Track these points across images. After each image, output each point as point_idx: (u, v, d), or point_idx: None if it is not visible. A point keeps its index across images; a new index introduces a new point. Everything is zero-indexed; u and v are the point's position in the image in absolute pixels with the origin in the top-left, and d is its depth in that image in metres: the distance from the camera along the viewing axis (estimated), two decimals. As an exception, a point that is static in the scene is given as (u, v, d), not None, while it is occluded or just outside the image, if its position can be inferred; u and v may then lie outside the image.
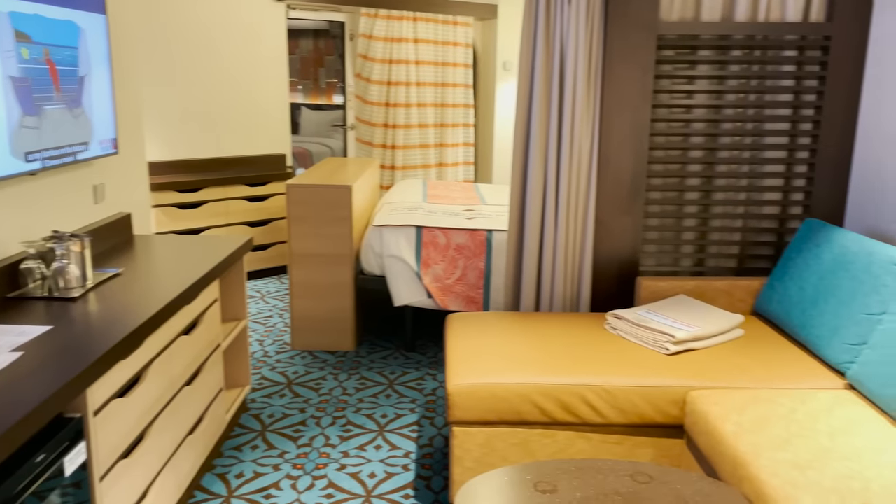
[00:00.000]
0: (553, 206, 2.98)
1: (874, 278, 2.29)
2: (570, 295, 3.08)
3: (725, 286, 2.91)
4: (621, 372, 2.31)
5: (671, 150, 3.03)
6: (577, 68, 2.87)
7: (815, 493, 1.67)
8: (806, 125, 3.00)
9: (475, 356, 2.43)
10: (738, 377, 2.30)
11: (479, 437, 2.31)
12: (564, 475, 1.85)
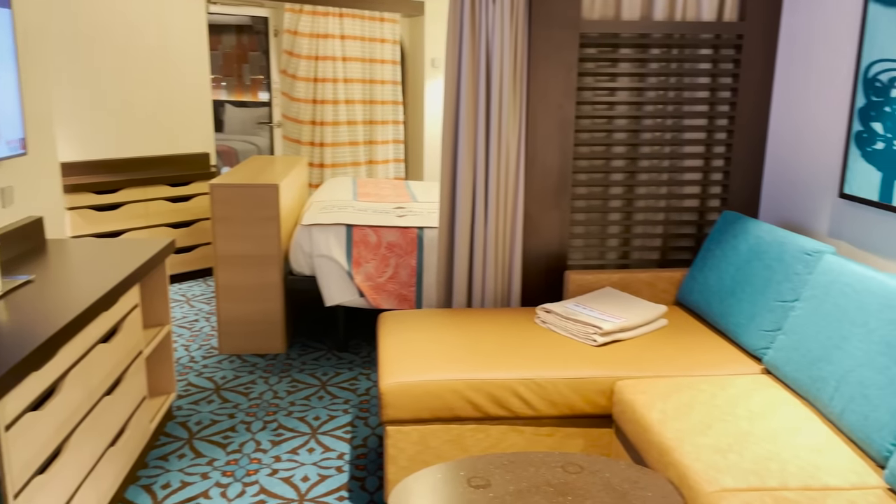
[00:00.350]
0: (483, 202, 3.00)
1: (786, 267, 2.40)
2: (500, 290, 3.11)
3: (649, 278, 2.99)
4: (551, 365, 2.35)
5: (595, 146, 3.09)
6: (503, 66, 2.89)
7: (735, 475, 1.74)
8: (722, 121, 3.11)
9: (408, 354, 2.43)
10: (663, 366, 2.37)
11: (413, 436, 2.30)
12: (497, 469, 1.87)
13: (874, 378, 1.85)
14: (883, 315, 1.92)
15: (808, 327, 2.17)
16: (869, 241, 2.44)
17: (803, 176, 2.81)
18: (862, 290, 2.03)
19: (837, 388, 1.96)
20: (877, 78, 2.35)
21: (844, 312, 2.05)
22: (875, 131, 2.36)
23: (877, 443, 1.78)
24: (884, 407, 1.79)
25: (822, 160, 2.70)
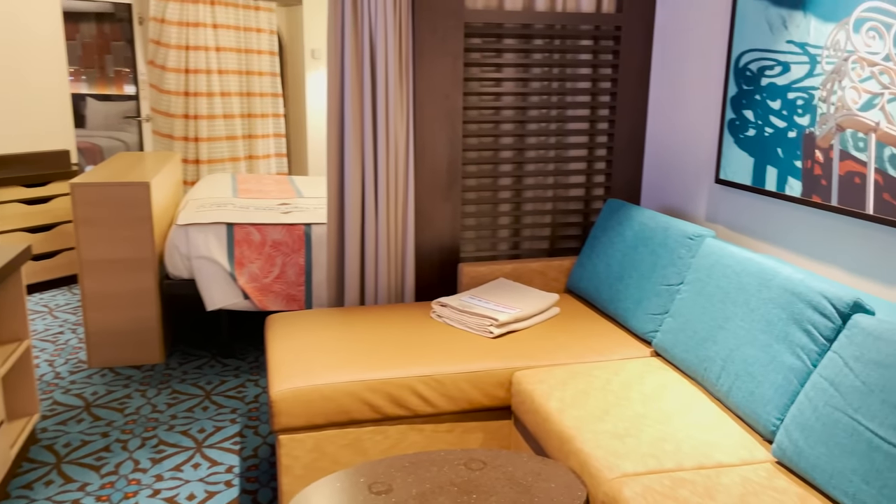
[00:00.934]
0: (372, 196, 2.91)
1: (670, 252, 2.47)
2: (394, 286, 3.03)
3: (540, 267, 3.01)
4: (449, 359, 2.30)
5: (483, 137, 3.08)
6: (388, 57, 2.81)
7: (634, 459, 1.75)
8: (603, 111, 3.18)
9: (299, 358, 2.31)
10: (558, 354, 2.38)
11: (308, 443, 2.19)
12: (398, 473, 1.80)
13: (757, 356, 1.93)
14: (762, 295, 2.00)
15: (693, 309, 2.24)
16: (743, 223, 2.56)
17: (682, 163, 2.92)
18: (741, 271, 2.12)
19: (724, 367, 2.03)
20: (747, 67, 2.46)
21: (726, 293, 2.13)
22: (747, 119, 2.47)
23: (763, 418, 1.85)
24: (768, 383, 1.87)
25: (698, 147, 2.80)
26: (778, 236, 2.38)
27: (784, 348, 1.87)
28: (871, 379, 1.58)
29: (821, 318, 1.81)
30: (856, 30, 1.99)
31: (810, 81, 2.18)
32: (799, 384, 1.80)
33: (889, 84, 1.89)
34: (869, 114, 1.96)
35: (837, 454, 1.58)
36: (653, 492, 1.61)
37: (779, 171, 2.33)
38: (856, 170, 2.01)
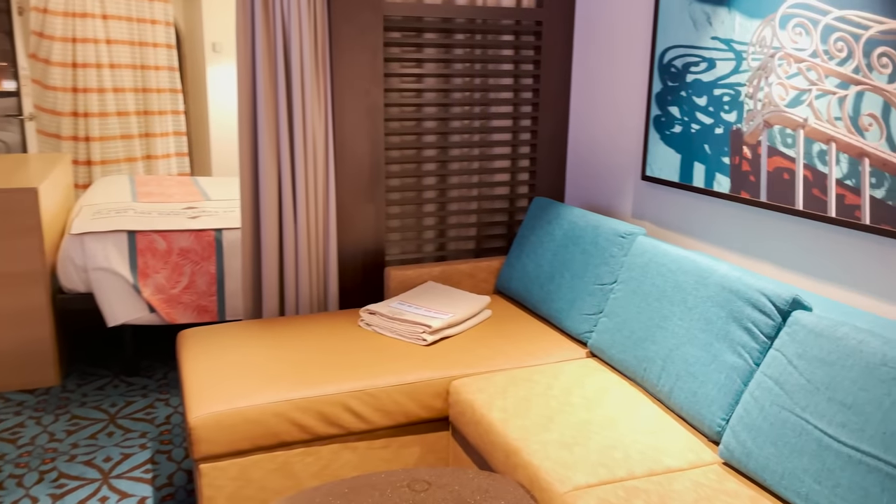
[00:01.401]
0: (290, 198, 2.74)
1: (602, 251, 2.44)
2: (316, 294, 2.87)
3: (469, 268, 2.93)
4: (382, 371, 2.18)
5: (406, 135, 2.96)
6: (304, 52, 2.64)
7: (585, 470, 1.69)
8: (526, 107, 3.13)
9: (218, 378, 2.12)
10: (495, 360, 2.30)
11: (232, 471, 2.01)
12: (338, 500, 1.66)
13: (698, 355, 1.91)
14: (699, 293, 1.99)
15: (629, 309, 2.22)
16: (670, 220, 2.56)
17: (607, 160, 2.90)
18: (677, 269, 2.10)
19: (664, 367, 2.01)
20: (672, 63, 2.46)
21: (662, 292, 2.11)
22: (673, 115, 2.47)
23: (708, 419, 1.83)
24: (710, 383, 1.85)
25: (624, 144, 2.79)
26: (706, 232, 2.39)
27: (725, 347, 1.85)
28: (815, 377, 1.58)
29: (761, 316, 1.81)
30: (782, 26, 2.00)
31: (736, 78, 2.19)
32: (742, 383, 1.79)
33: (816, 80, 1.91)
34: (797, 110, 1.97)
35: (787, 454, 1.57)
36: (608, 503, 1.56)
37: (706, 167, 2.34)
38: (784, 166, 2.03)
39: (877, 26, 1.73)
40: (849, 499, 1.43)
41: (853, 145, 1.82)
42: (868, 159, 1.78)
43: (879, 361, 1.48)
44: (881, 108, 1.74)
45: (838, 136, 1.86)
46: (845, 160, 1.85)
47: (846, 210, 1.85)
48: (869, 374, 1.49)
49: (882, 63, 1.72)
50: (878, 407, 1.44)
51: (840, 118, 1.85)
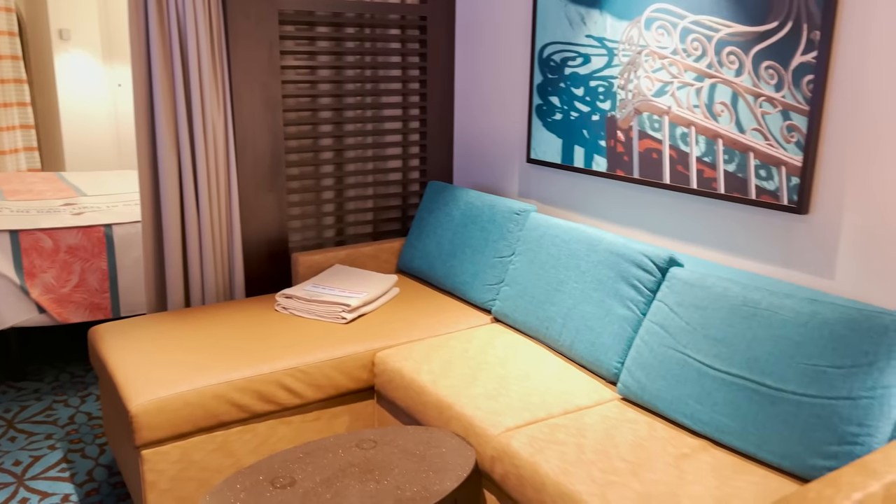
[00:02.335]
0: (192, 190, 2.77)
1: (499, 227, 2.71)
2: (222, 283, 2.93)
3: (371, 251, 3.10)
4: (310, 349, 2.32)
5: (304, 126, 3.07)
6: (200, 45, 2.68)
7: (511, 415, 1.95)
8: (414, 97, 3.33)
9: (149, 367, 2.17)
10: (412, 331, 2.50)
11: (174, 454, 2.08)
12: (296, 465, 1.81)
13: (593, 311, 2.23)
14: (590, 258, 2.30)
15: (528, 277, 2.50)
16: (554, 198, 2.88)
17: (493, 145, 3.18)
18: (569, 239, 2.41)
19: (564, 324, 2.31)
20: (551, 58, 2.76)
21: (557, 260, 2.41)
22: (554, 104, 2.77)
23: (606, 364, 2.15)
24: (606, 333, 2.17)
25: (509, 131, 3.08)
26: (587, 207, 2.73)
27: (616, 302, 2.18)
28: (692, 319, 1.93)
29: (644, 274, 2.15)
30: (647, 27, 2.34)
31: (609, 71, 2.52)
32: (633, 331, 2.13)
33: (677, 74, 2.27)
34: (661, 99, 2.33)
35: (674, 384, 1.91)
36: (536, 439, 1.82)
37: (585, 150, 2.66)
38: (653, 147, 2.39)
39: (725, 29, 2.11)
40: (724, 412, 1.79)
41: (709, 128, 2.19)
42: (721, 140, 2.16)
43: (741, 303, 1.85)
44: (730, 97, 2.12)
45: (697, 121, 2.23)
46: (703, 141, 2.22)
47: (705, 182, 2.23)
48: (733, 313, 1.85)
49: (730, 60, 2.10)
50: (742, 338, 1.81)
51: (698, 106, 2.22)
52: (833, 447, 1.58)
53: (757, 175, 2.07)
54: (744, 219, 2.15)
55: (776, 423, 1.68)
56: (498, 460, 1.83)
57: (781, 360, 1.71)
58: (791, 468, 1.65)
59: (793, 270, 2.03)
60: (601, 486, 1.62)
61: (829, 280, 1.94)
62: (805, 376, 1.66)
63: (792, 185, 1.98)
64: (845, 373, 1.60)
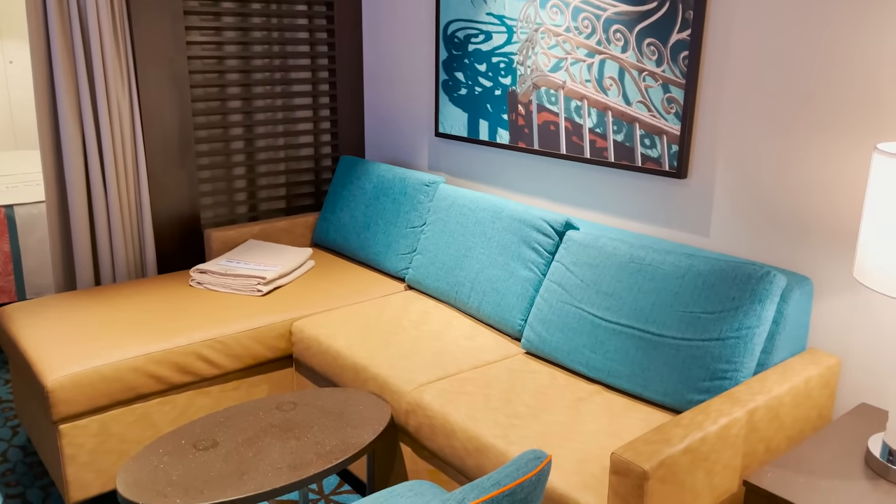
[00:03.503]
0: (98, 168, 2.74)
1: (411, 199, 2.82)
2: (133, 261, 2.91)
3: (285, 225, 3.15)
4: (227, 321, 2.37)
5: (212, 102, 3.07)
6: (101, 19, 2.64)
7: (423, 372, 2.08)
8: (323, 73, 3.38)
9: (62, 344, 2.17)
10: (328, 300, 2.59)
11: (93, 427, 2.10)
12: (217, 428, 1.88)
13: (499, 274, 2.38)
14: (495, 225, 2.45)
15: (439, 245, 2.63)
16: (462, 169, 3.01)
17: (403, 120, 3.27)
18: (476, 208, 2.55)
19: (472, 287, 2.45)
20: (455, 35, 2.87)
21: (465, 228, 2.55)
22: (459, 79, 2.89)
23: (510, 322, 2.31)
24: (510, 294, 2.33)
25: (417, 106, 3.18)
26: (492, 178, 2.87)
27: (519, 265, 2.34)
28: (586, 277, 2.11)
29: (543, 238, 2.31)
30: (542, 6, 2.49)
31: (509, 48, 2.65)
32: (534, 290, 2.29)
33: (570, 50, 2.42)
34: (557, 74, 2.49)
35: (571, 336, 2.09)
36: (447, 392, 1.96)
37: (489, 123, 2.80)
38: (551, 119, 2.55)
39: (612, 8, 2.28)
40: (615, 359, 1.97)
41: (600, 101, 2.37)
42: (611, 112, 2.34)
43: (628, 260, 2.04)
44: (618, 72, 2.29)
45: (589, 95, 2.40)
46: (595, 113, 2.39)
47: (597, 152, 2.41)
48: (622, 269, 2.04)
49: (617, 38, 2.27)
50: (629, 291, 2.00)
51: (589, 80, 2.38)
52: (706, 383, 1.79)
53: (642, 144, 2.26)
54: (631, 184, 2.35)
55: (659, 366, 1.88)
56: (412, 413, 1.96)
57: (663, 309, 1.90)
58: (672, 404, 1.86)
59: (674, 230, 2.24)
60: (505, 428, 1.78)
61: (705, 237, 2.16)
62: (682, 322, 1.86)
63: (672, 153, 2.18)
64: (716, 317, 1.81)
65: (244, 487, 1.62)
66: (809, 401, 1.79)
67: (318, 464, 1.72)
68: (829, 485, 1.48)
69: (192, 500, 1.56)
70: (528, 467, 1.22)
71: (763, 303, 1.76)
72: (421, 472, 2.01)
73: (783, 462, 1.56)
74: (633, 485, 1.41)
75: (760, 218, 2.02)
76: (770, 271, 1.78)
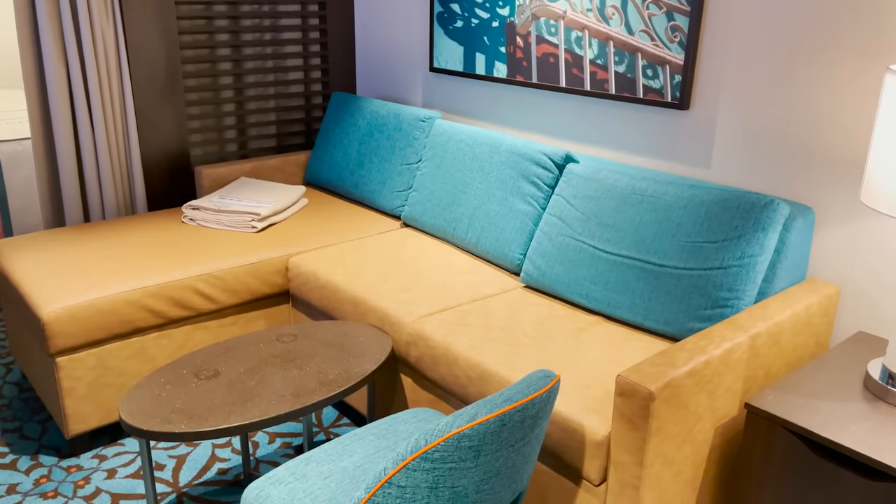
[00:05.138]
0: (84, 104, 2.66)
1: (406, 135, 2.77)
2: (122, 198, 2.86)
3: (277, 163, 3.10)
4: (223, 256, 2.34)
5: (199, 35, 2.97)
6: (83, -59, 2.53)
7: (423, 304, 2.07)
8: (313, 6, 3.28)
9: (56, 277, 2.14)
10: (324, 237, 2.56)
11: (90, 360, 2.09)
12: (218, 358, 1.87)
13: (497, 209, 2.36)
14: (494, 159, 2.42)
15: (435, 181, 2.60)
16: (457, 105, 2.96)
17: (396, 55, 3.20)
18: (473, 143, 2.51)
19: (470, 223, 2.43)
20: (451, -35, 2.78)
21: (463, 163, 2.52)
22: (455, 11, 2.82)
23: (509, 256, 2.30)
24: (509, 229, 2.31)
25: (411, 40, 3.10)
26: (489, 113, 2.83)
27: (518, 199, 2.32)
28: (587, 209, 2.10)
29: (543, 171, 2.29)
30: (543, -67, 2.41)
31: (508, -22, 2.58)
32: (534, 225, 2.28)
33: (572, -20, 2.36)
34: (557, 4, 2.43)
35: (571, 268, 2.08)
36: (447, 323, 1.95)
37: (486, 57, 2.74)
38: (550, 51, 2.50)
39: (615, -65, 2.21)
40: (615, 290, 1.97)
41: (601, 31, 2.32)
42: (612, 42, 2.29)
43: (630, 191, 2.02)
44: (620, 0, 2.24)
45: (590, 25, 2.34)
46: (596, 44, 2.35)
47: (598, 84, 2.37)
48: (623, 201, 2.02)
49: (620, -35, 2.21)
50: (631, 223, 1.99)
51: (591, 9, 2.33)
52: (707, 311, 1.80)
53: (644, 75, 2.22)
54: (632, 117, 2.32)
55: (660, 295, 1.88)
56: (413, 344, 1.96)
57: (664, 239, 1.90)
58: (673, 333, 1.87)
59: (674, 163, 2.22)
60: (507, 356, 1.78)
61: (706, 170, 2.14)
62: (684, 252, 1.86)
63: (675, 83, 2.14)
64: (718, 246, 1.81)
65: (248, 414, 1.62)
66: (809, 328, 1.81)
67: (321, 392, 1.72)
68: (828, 407, 1.51)
69: (196, 426, 1.56)
70: (539, 385, 1.23)
71: (766, 231, 1.76)
72: (422, 401, 2.02)
73: (783, 385, 1.58)
74: (638, 406, 1.43)
75: (763, 148, 2.00)
76: (774, 200, 1.78)
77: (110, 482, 2.04)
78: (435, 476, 1.12)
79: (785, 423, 1.46)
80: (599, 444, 1.50)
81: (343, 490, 1.40)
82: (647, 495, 1.48)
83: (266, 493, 1.40)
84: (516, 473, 1.26)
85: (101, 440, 2.23)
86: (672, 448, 1.50)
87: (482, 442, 1.13)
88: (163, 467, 2.11)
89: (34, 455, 2.14)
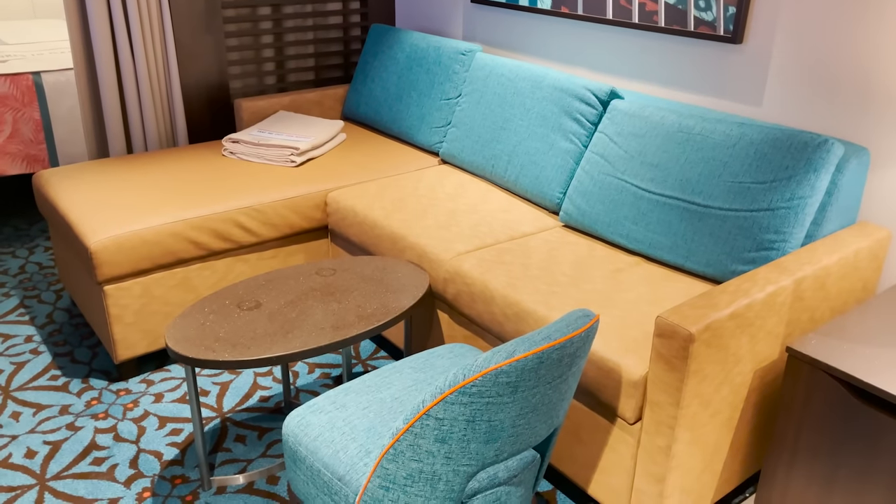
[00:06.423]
0: (125, 35, 2.66)
1: (445, 69, 2.72)
2: (164, 130, 2.88)
3: (315, 97, 3.08)
4: (263, 190, 2.36)
5: (238, -37, 2.92)
6: None
7: (461, 241, 2.07)
8: (353, -66, 3.19)
9: (103, 208, 2.18)
10: (362, 173, 2.56)
11: (136, 289, 2.14)
12: (260, 290, 1.90)
13: (537, 146, 2.32)
14: (536, 95, 2.36)
15: (475, 117, 2.55)
16: (499, 39, 2.88)
17: (436, -14, 3.11)
18: (515, 77, 2.45)
19: (509, 160, 2.40)
20: None
21: (503, 99, 2.46)
22: (499, -61, 2.71)
23: (549, 195, 2.27)
24: (549, 167, 2.28)
25: (451, -30, 3.00)
26: (532, 47, 2.75)
27: (560, 136, 2.27)
28: (631, 147, 2.05)
29: (586, 108, 2.23)
30: None
31: None
32: (575, 163, 2.24)
33: None
34: (607, -69, 2.31)
35: (612, 208, 2.05)
36: (485, 261, 1.95)
37: (530, -13, 2.64)
38: (597, -18, 2.40)
39: None
40: (657, 230, 1.94)
41: (653, -40, 2.21)
42: (664, -28, 2.19)
43: (676, 129, 1.96)
44: (674, -73, 2.12)
45: (641, -47, 2.24)
46: (646, -26, 2.24)
47: (647, 16, 2.28)
48: (669, 139, 1.97)
49: None
50: (676, 162, 1.94)
51: (642, -63, 2.22)
52: (752, 253, 1.76)
53: (696, 6, 2.12)
54: (682, 51, 2.23)
55: (703, 237, 1.85)
56: (450, 281, 1.97)
57: (710, 179, 1.85)
58: (714, 275, 1.84)
59: (725, 100, 2.14)
60: (545, 295, 1.78)
61: (757, 107, 2.06)
62: (731, 192, 1.81)
63: (728, 15, 2.05)
64: (767, 187, 1.76)
65: (289, 345, 1.65)
66: (856, 272, 1.76)
67: (359, 325, 1.74)
68: (872, 352, 1.48)
69: (239, 355, 1.60)
70: (578, 324, 1.22)
71: (818, 172, 1.70)
72: (458, 337, 2.04)
73: (827, 330, 1.55)
74: (678, 347, 1.42)
75: (818, 85, 1.91)
76: (828, 140, 1.71)
77: (158, 406, 2.12)
78: (472, 410, 1.14)
79: (827, 368, 1.44)
80: (636, 384, 1.50)
81: (381, 420, 1.44)
82: (683, 435, 1.49)
83: (307, 420, 1.44)
84: (552, 409, 1.27)
85: (147, 366, 2.31)
86: (710, 390, 1.49)
87: (519, 378, 1.14)
88: (207, 393, 2.18)
89: (85, 378, 2.23)
